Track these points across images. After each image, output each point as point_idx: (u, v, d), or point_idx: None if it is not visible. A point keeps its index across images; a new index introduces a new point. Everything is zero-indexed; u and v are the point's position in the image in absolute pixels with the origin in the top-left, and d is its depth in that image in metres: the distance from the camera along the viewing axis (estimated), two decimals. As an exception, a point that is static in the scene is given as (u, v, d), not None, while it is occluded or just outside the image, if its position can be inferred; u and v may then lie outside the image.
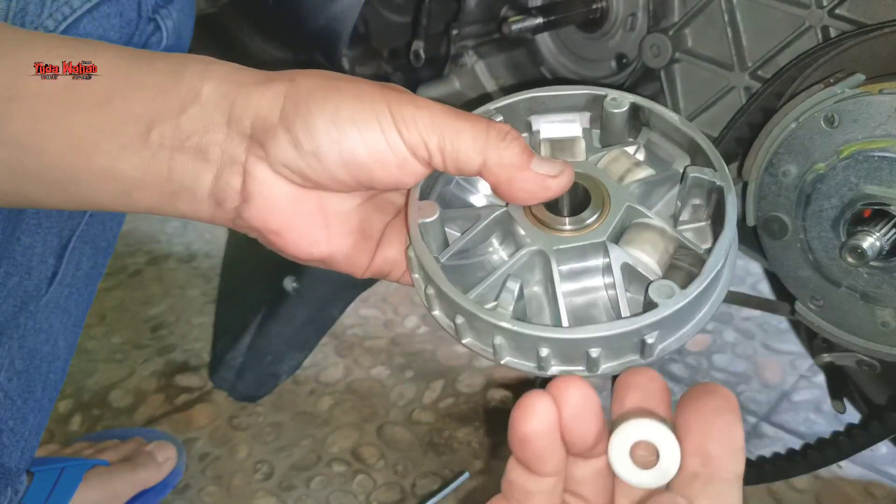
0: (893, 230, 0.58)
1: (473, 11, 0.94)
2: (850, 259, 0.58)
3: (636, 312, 0.41)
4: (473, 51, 0.98)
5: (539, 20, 0.83)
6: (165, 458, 1.02)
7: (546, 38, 0.95)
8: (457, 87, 1.00)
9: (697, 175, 0.45)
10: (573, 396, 0.33)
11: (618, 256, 0.44)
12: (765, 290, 1.29)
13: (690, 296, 0.40)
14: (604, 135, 0.52)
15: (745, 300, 0.79)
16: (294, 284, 1.11)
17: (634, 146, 0.50)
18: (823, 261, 0.63)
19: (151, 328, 1.37)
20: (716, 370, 1.23)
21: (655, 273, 0.44)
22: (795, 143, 0.61)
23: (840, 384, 0.83)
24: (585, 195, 0.47)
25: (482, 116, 0.45)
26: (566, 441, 0.34)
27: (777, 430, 1.10)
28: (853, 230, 0.59)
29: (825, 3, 0.65)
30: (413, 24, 0.96)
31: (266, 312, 1.14)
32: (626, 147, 0.50)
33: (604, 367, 0.41)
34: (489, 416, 1.14)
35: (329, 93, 0.43)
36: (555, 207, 0.46)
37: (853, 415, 0.85)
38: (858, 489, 1.00)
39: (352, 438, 1.11)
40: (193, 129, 0.44)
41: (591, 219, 0.45)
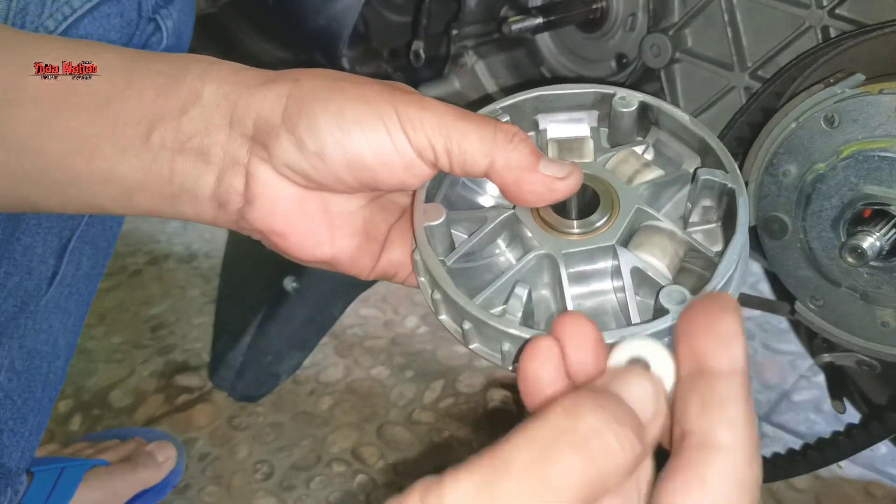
0: (893, 230, 0.58)
1: (473, 11, 0.94)
2: (850, 259, 0.58)
3: (646, 318, 0.41)
4: (473, 51, 0.98)
5: (539, 20, 0.83)
6: (165, 458, 1.02)
7: (546, 38, 0.95)
8: (457, 87, 1.00)
9: (709, 177, 0.44)
10: (576, 336, 0.33)
11: (627, 260, 0.43)
12: (765, 290, 1.29)
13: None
14: (612, 134, 0.51)
15: (746, 300, 0.79)
16: (294, 284, 1.11)
17: (643, 145, 0.50)
18: (823, 261, 0.63)
19: (151, 328, 1.37)
20: (716, 370, 1.23)
21: (665, 277, 0.44)
22: (795, 143, 0.61)
23: (840, 384, 0.83)
24: (594, 197, 0.46)
25: (489, 117, 0.44)
26: (571, 377, 0.33)
27: (777, 430, 1.09)
28: (853, 230, 0.59)
29: (825, 3, 0.65)
30: (413, 24, 0.96)
31: (266, 312, 1.14)
32: (635, 147, 0.49)
33: None
34: (489, 416, 1.14)
35: (333, 93, 0.43)
36: (563, 210, 0.46)
37: (853, 415, 0.85)
38: (858, 489, 1.00)
39: (352, 438, 1.11)
40: (195, 131, 0.43)
41: (600, 222, 0.45)
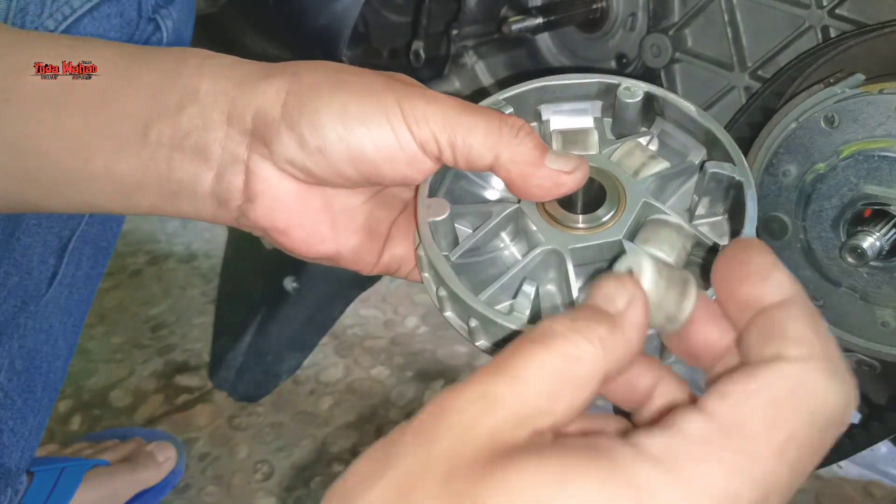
0: (893, 230, 0.58)
1: (473, 11, 0.94)
2: (850, 259, 0.58)
3: None
4: (473, 51, 0.98)
5: (539, 20, 0.83)
6: (165, 458, 1.02)
7: (546, 38, 0.95)
8: (457, 87, 1.00)
9: (717, 170, 0.44)
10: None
11: None
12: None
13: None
14: (616, 124, 0.50)
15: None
16: (294, 284, 1.11)
17: (647, 136, 0.49)
18: (823, 261, 0.63)
19: (151, 328, 1.37)
20: (716, 370, 1.23)
21: None
22: (795, 143, 0.61)
23: (840, 384, 0.83)
24: (600, 191, 0.45)
25: (494, 110, 0.43)
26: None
27: (777, 430, 1.09)
28: (853, 230, 0.59)
29: (825, 3, 0.65)
30: (413, 24, 0.96)
31: (266, 312, 1.14)
32: (640, 138, 0.49)
33: None
34: (489, 416, 1.14)
35: (335, 88, 0.42)
36: (569, 204, 0.45)
37: (853, 415, 0.85)
38: (858, 489, 1.00)
39: (352, 438, 1.11)
40: (192, 128, 0.43)
41: (607, 216, 0.44)
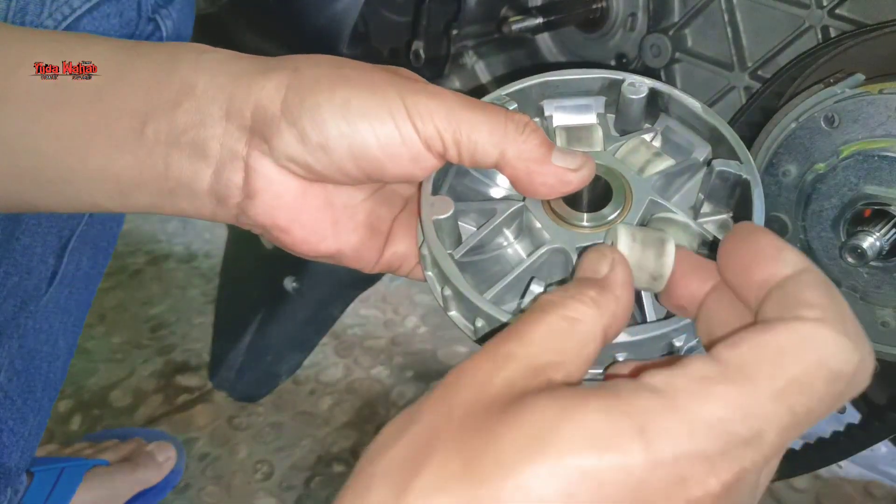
0: (893, 230, 0.58)
1: (473, 11, 0.94)
2: (850, 259, 0.58)
3: (660, 316, 0.40)
4: (473, 51, 0.98)
5: (539, 20, 0.83)
6: (165, 458, 1.02)
7: (546, 38, 0.95)
8: (457, 87, 1.00)
9: (724, 168, 0.43)
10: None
11: None
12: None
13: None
14: (619, 120, 0.50)
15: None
16: (294, 284, 1.10)
17: (651, 133, 0.48)
18: (823, 261, 0.63)
19: (151, 328, 1.37)
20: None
21: None
22: (795, 143, 0.61)
23: (840, 384, 0.83)
24: (606, 189, 0.45)
25: (500, 107, 0.43)
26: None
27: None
28: (853, 230, 0.59)
29: (825, 3, 0.65)
30: (413, 24, 0.96)
31: (266, 312, 1.14)
32: (644, 134, 0.48)
33: None
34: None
35: (337, 82, 0.41)
36: (574, 201, 0.44)
37: (853, 415, 0.85)
38: (858, 489, 1.00)
39: (352, 438, 1.11)
40: (189, 124, 0.42)
41: (613, 215, 0.44)
